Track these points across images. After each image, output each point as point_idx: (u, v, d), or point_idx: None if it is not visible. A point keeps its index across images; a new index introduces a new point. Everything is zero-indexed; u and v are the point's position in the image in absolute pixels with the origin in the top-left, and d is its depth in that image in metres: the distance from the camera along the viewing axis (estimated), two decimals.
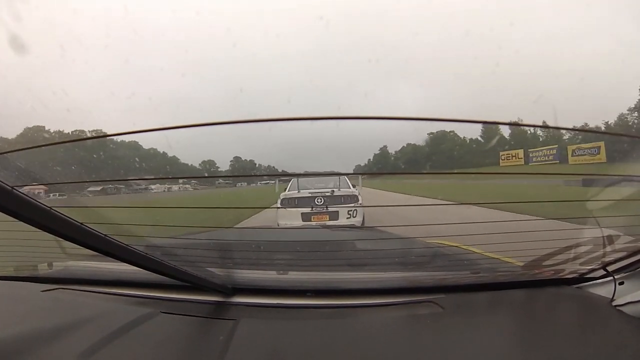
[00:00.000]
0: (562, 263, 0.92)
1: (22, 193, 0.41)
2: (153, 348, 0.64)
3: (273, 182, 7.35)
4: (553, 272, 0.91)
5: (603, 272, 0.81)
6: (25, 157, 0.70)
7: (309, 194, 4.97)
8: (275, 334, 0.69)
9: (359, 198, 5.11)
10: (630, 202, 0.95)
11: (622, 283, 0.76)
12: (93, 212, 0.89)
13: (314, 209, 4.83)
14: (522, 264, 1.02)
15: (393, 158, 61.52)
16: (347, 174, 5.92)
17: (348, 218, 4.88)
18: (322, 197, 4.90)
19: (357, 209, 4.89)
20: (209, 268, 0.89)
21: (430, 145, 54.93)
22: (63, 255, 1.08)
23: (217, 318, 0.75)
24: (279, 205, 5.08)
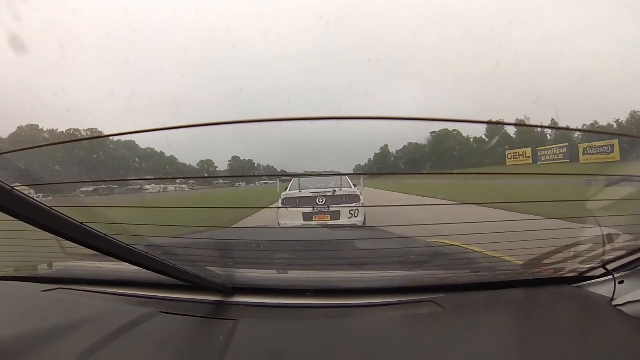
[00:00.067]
0: (562, 262, 0.93)
1: (22, 193, 0.41)
2: (153, 348, 0.64)
3: (272, 182, 7.33)
4: (553, 270, 0.92)
5: (603, 270, 0.81)
6: (26, 157, 0.70)
7: (311, 194, 4.94)
8: (276, 334, 0.69)
9: (361, 198, 5.08)
10: (630, 201, 0.95)
11: (622, 282, 0.76)
12: (93, 212, 0.89)
13: (316, 209, 4.81)
14: (522, 263, 1.02)
15: (394, 158, 61.03)
16: (347, 174, 5.91)
17: (350, 218, 4.85)
18: (323, 197, 4.88)
19: (358, 209, 4.86)
20: (209, 267, 0.89)
21: (433, 145, 54.04)
22: (63, 255, 1.08)
23: (217, 318, 0.75)
24: (280, 205, 5.07)
